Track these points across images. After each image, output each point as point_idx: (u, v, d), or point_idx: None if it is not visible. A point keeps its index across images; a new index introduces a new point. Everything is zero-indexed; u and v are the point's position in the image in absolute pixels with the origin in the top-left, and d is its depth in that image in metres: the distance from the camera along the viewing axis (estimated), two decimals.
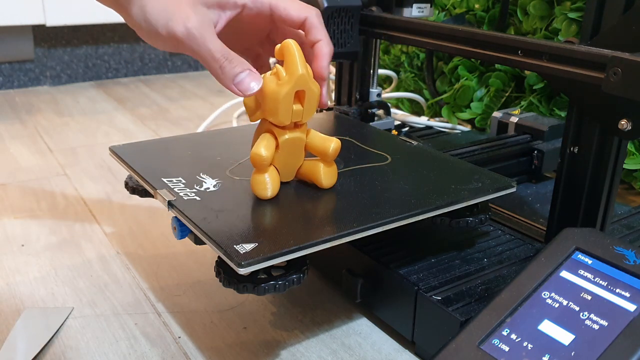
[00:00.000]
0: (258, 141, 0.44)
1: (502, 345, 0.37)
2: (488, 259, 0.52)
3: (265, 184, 0.45)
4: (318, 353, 0.49)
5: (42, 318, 0.52)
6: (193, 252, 0.64)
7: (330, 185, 0.48)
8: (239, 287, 0.40)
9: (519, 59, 0.51)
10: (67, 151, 0.95)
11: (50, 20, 1.25)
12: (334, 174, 0.48)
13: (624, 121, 0.45)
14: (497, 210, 0.62)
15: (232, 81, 0.43)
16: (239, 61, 0.43)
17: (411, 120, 1.01)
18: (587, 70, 0.46)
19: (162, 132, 1.06)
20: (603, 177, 0.49)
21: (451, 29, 0.57)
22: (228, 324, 0.52)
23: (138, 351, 0.49)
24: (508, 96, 0.96)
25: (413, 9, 0.73)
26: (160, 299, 0.56)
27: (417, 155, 0.57)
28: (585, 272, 0.40)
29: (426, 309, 0.46)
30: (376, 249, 0.52)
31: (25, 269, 0.61)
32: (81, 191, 0.80)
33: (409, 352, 0.49)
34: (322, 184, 0.47)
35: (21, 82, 1.34)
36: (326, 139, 0.47)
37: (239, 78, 0.42)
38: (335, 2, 0.65)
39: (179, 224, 0.44)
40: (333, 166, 0.48)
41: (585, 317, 0.37)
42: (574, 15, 0.82)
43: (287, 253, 0.39)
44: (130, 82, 1.43)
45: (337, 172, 0.48)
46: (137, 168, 0.51)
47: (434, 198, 0.47)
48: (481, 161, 0.69)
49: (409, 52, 1.14)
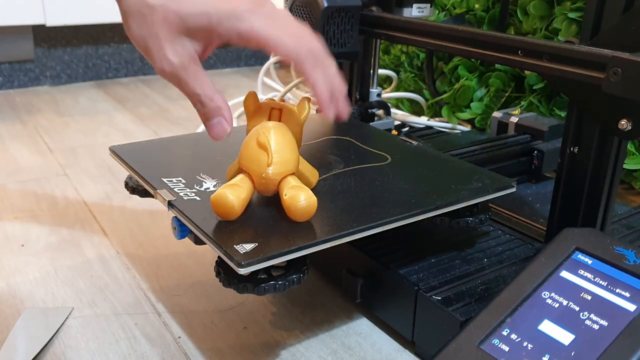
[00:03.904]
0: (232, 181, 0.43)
1: (502, 345, 0.37)
2: (488, 259, 0.52)
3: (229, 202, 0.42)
4: (318, 353, 0.49)
5: (42, 318, 0.52)
6: (193, 252, 0.64)
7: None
8: (239, 287, 0.40)
9: (519, 59, 0.51)
10: (67, 151, 0.95)
11: (50, 20, 1.25)
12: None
13: (624, 121, 0.45)
14: (497, 210, 0.62)
15: (205, 124, 0.44)
16: (212, 106, 0.42)
17: (411, 120, 1.01)
18: (587, 70, 0.46)
19: (162, 132, 1.06)
20: (603, 177, 0.49)
21: (451, 29, 0.57)
22: (228, 324, 0.52)
23: (138, 351, 0.49)
24: (508, 96, 0.96)
25: (413, 9, 0.73)
26: (160, 299, 0.56)
27: (417, 155, 0.57)
28: (585, 272, 0.40)
29: (426, 309, 0.46)
30: (376, 249, 0.52)
31: (25, 269, 0.61)
32: (81, 191, 0.80)
33: (409, 352, 0.49)
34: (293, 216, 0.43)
35: (21, 82, 1.34)
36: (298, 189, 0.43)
37: (210, 123, 0.43)
38: (335, 2, 0.65)
39: (179, 224, 0.44)
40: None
41: (585, 317, 0.37)
42: (574, 15, 0.82)
43: (287, 253, 0.39)
44: (130, 82, 1.43)
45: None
46: (137, 168, 0.51)
47: (434, 198, 0.47)
48: (481, 161, 0.69)
49: (409, 52, 1.14)
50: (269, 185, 0.43)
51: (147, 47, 0.42)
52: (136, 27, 0.41)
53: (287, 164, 0.43)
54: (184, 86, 0.42)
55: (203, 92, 0.42)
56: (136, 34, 0.42)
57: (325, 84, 0.43)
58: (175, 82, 0.42)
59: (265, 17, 0.41)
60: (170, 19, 0.40)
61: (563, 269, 0.41)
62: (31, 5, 1.22)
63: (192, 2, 0.41)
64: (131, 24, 0.42)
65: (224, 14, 0.40)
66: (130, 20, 0.41)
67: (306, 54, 0.42)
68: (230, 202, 0.41)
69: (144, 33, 0.41)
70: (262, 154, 0.42)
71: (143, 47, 0.42)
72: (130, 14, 0.41)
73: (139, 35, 0.42)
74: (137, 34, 0.42)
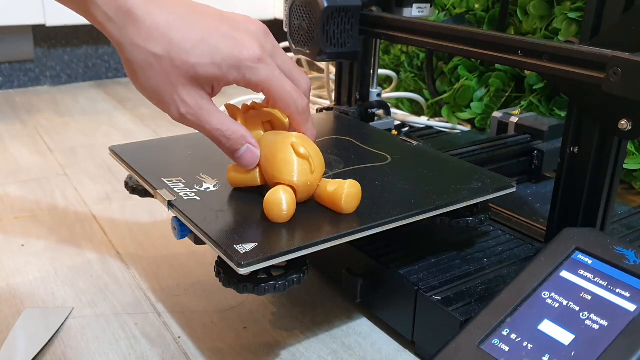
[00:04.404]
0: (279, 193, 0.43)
1: (502, 345, 0.37)
2: (488, 259, 0.52)
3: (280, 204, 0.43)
4: (318, 353, 0.49)
5: (42, 318, 0.52)
6: (193, 252, 0.64)
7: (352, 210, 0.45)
8: (239, 287, 0.40)
9: (519, 59, 0.51)
10: (67, 151, 0.95)
11: (50, 20, 1.25)
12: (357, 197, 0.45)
13: (624, 121, 0.45)
14: (497, 210, 0.62)
15: (232, 156, 0.45)
16: (236, 138, 0.43)
17: (411, 120, 1.01)
18: (587, 70, 0.46)
19: (162, 132, 1.06)
20: (603, 177, 0.49)
21: (451, 29, 0.57)
22: (228, 324, 0.52)
23: (138, 351, 0.49)
24: (508, 96, 0.96)
25: (413, 9, 0.73)
26: (160, 299, 0.56)
27: (417, 155, 0.57)
28: (585, 272, 0.40)
29: (426, 309, 0.46)
30: (376, 249, 0.52)
31: (25, 269, 0.61)
32: (81, 191, 0.80)
33: (409, 352, 0.49)
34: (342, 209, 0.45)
35: (21, 82, 1.34)
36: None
37: (238, 154, 0.44)
38: (335, 2, 0.65)
39: (179, 224, 0.44)
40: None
41: (585, 317, 0.37)
42: (574, 15, 0.82)
43: (287, 253, 0.39)
44: (130, 82, 1.42)
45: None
46: (137, 168, 0.51)
47: (434, 198, 0.47)
48: (481, 161, 0.69)
49: (409, 52, 1.14)
50: (312, 190, 0.45)
51: (159, 95, 0.42)
52: (145, 77, 0.42)
53: (323, 166, 0.46)
54: (204, 125, 0.43)
55: (224, 127, 0.43)
56: (146, 84, 0.42)
57: (313, 134, 0.47)
58: (194, 123, 0.43)
59: (272, 67, 0.43)
60: (180, 67, 0.41)
61: (563, 269, 0.41)
62: (31, 5, 1.22)
63: (199, 51, 0.41)
64: (139, 74, 0.42)
65: (234, 65, 0.41)
66: (137, 70, 0.42)
67: (302, 112, 0.45)
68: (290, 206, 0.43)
69: (155, 82, 0.42)
70: (304, 163, 0.44)
71: (154, 95, 0.42)
72: (136, 64, 0.41)
73: (149, 85, 0.42)
74: (147, 84, 0.42)
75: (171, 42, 0.40)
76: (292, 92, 0.44)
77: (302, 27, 0.67)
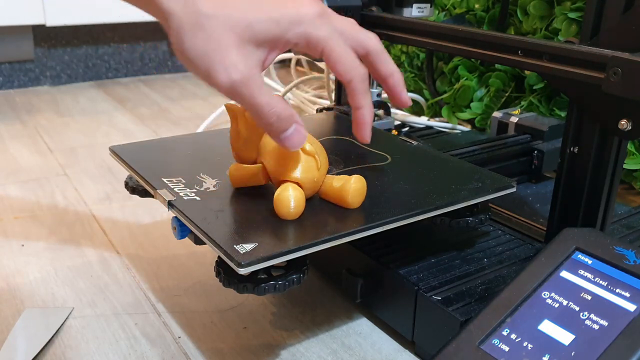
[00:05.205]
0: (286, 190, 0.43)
1: (502, 345, 0.37)
2: (488, 259, 0.52)
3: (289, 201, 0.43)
4: (318, 353, 0.49)
5: (42, 318, 0.52)
6: (193, 252, 0.64)
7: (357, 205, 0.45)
8: (239, 287, 0.40)
9: (519, 59, 0.51)
10: (67, 151, 0.95)
11: (50, 20, 1.25)
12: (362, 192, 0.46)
13: (624, 121, 0.45)
14: (497, 210, 0.62)
15: (278, 137, 0.40)
16: (286, 115, 0.39)
17: (411, 120, 1.01)
18: (587, 70, 0.46)
19: (162, 132, 1.06)
20: (603, 177, 0.49)
21: (451, 29, 0.57)
22: (228, 324, 0.52)
23: (138, 351, 0.49)
24: (508, 96, 0.96)
25: (413, 9, 0.73)
26: (160, 299, 0.56)
27: (417, 155, 0.57)
28: (585, 272, 0.40)
29: (426, 309, 0.46)
30: (376, 249, 0.52)
31: (25, 269, 0.61)
32: (81, 191, 0.80)
33: (409, 352, 0.49)
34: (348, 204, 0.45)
35: (21, 82, 1.34)
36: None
37: (285, 134, 0.40)
38: (335, 2, 0.65)
39: (179, 224, 0.44)
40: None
41: (585, 317, 0.37)
42: (574, 15, 0.82)
43: (287, 253, 0.39)
44: (130, 82, 1.43)
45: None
46: (137, 168, 0.51)
47: (434, 198, 0.47)
48: (481, 161, 0.69)
49: (409, 52, 1.14)
50: (317, 187, 0.45)
51: (208, 60, 0.37)
52: (193, 41, 0.37)
53: (327, 162, 0.46)
54: (255, 97, 0.38)
55: (274, 102, 0.39)
56: (193, 49, 0.38)
57: (370, 111, 0.43)
58: (243, 92, 0.38)
59: (333, 27, 0.40)
60: (235, 26, 0.37)
61: (563, 269, 0.41)
62: (31, 5, 1.22)
63: (258, 8, 0.38)
64: (187, 39, 0.37)
65: (294, 20, 0.38)
66: (184, 35, 0.37)
67: (360, 81, 0.41)
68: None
69: (204, 46, 0.37)
70: (310, 160, 0.44)
71: (203, 61, 0.38)
72: (183, 29, 0.37)
73: (196, 50, 0.37)
74: (194, 49, 0.38)
75: (226, 3, 0.37)
76: (354, 57, 0.40)
77: None
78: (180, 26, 0.38)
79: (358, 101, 0.42)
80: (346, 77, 0.41)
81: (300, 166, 0.43)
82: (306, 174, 0.44)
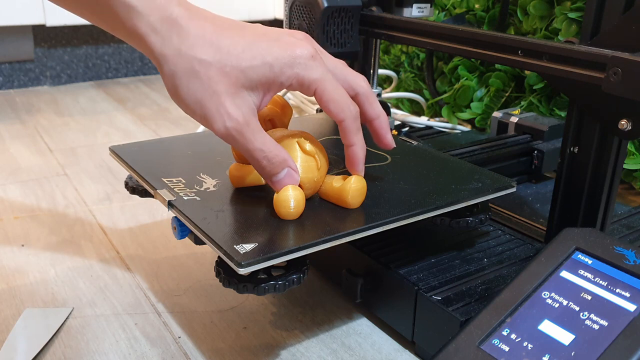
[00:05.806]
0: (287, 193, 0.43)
1: (502, 345, 0.37)
2: (488, 259, 0.52)
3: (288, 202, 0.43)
4: (318, 353, 0.49)
5: (42, 318, 0.52)
6: (193, 252, 0.64)
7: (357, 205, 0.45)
8: (239, 287, 0.40)
9: (519, 59, 0.51)
10: (67, 151, 0.95)
11: (50, 20, 1.25)
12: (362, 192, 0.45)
13: (624, 121, 0.45)
14: (497, 210, 0.62)
15: (270, 179, 0.42)
16: (278, 161, 0.41)
17: (411, 120, 1.01)
18: (587, 70, 0.46)
19: (162, 132, 1.06)
20: (603, 177, 0.49)
21: (451, 29, 0.57)
22: (228, 324, 0.52)
23: (138, 351, 0.49)
24: (508, 96, 0.96)
25: (413, 9, 0.73)
26: (160, 299, 0.56)
27: (417, 155, 0.57)
28: (585, 272, 0.40)
29: (426, 309, 0.46)
30: (376, 249, 0.52)
31: (25, 269, 0.61)
32: (81, 191, 0.80)
33: (409, 352, 0.49)
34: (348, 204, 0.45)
35: (21, 82, 1.34)
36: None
37: (276, 178, 0.42)
38: (335, 2, 0.65)
39: (179, 224, 0.44)
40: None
41: (585, 317, 0.37)
42: (574, 15, 0.82)
43: (287, 253, 0.39)
44: (130, 82, 1.43)
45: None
46: (137, 168, 0.51)
47: (434, 198, 0.47)
48: (481, 161, 0.69)
49: (409, 52, 1.14)
50: (317, 187, 0.45)
51: (203, 108, 0.39)
52: (188, 88, 0.39)
53: (327, 162, 0.46)
54: (247, 143, 0.40)
55: (267, 147, 0.40)
56: (188, 96, 0.39)
57: (363, 148, 0.44)
58: (237, 139, 0.40)
59: (325, 68, 0.41)
60: (229, 73, 0.38)
61: (563, 269, 0.41)
62: (31, 5, 1.22)
63: (250, 53, 0.39)
64: (182, 86, 0.39)
65: (288, 63, 0.39)
66: (180, 81, 0.39)
67: (352, 120, 0.42)
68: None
69: (199, 93, 0.39)
70: (310, 160, 0.44)
71: (198, 108, 0.39)
72: (180, 74, 0.39)
73: (191, 97, 0.39)
74: (189, 96, 0.39)
75: (220, 48, 0.38)
76: (346, 96, 0.42)
77: (302, 27, 0.67)
78: (174, 71, 0.39)
79: (350, 139, 0.43)
80: (339, 117, 0.42)
81: (300, 166, 0.43)
82: (306, 174, 0.44)
